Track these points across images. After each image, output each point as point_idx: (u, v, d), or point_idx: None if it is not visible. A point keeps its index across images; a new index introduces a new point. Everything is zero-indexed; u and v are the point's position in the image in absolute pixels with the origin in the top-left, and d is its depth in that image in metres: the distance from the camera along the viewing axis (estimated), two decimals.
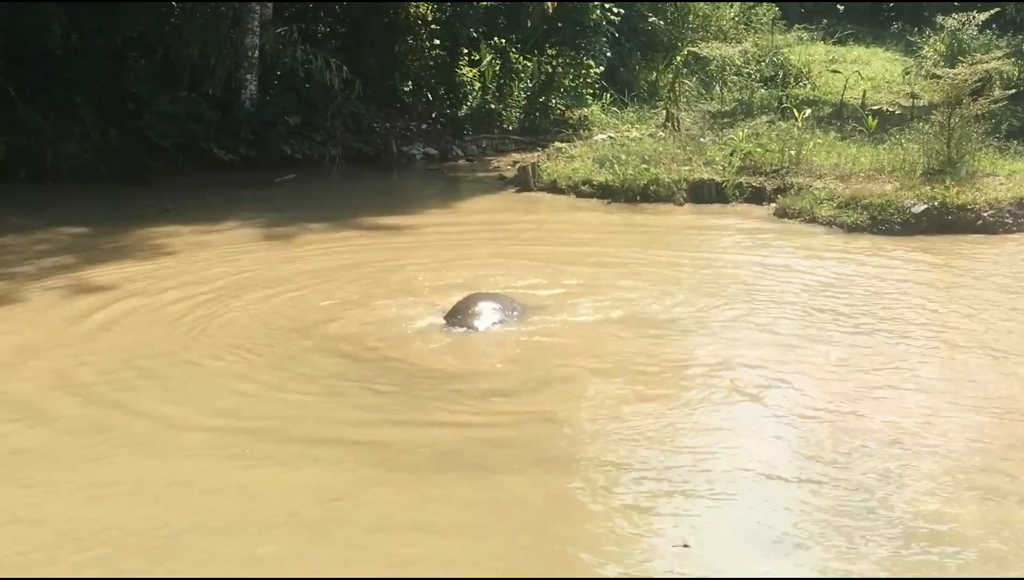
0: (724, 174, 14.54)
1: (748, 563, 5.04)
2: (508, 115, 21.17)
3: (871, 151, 14.77)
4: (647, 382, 7.43)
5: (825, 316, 8.83)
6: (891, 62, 25.40)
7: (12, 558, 5.13)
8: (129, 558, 5.15)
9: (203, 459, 6.26)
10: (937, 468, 5.94)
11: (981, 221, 11.99)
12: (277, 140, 17.18)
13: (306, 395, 7.24)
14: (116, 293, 9.70)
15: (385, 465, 6.15)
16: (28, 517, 5.60)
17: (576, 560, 5.20)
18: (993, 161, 13.75)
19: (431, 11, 21.32)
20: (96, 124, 16.01)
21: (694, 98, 20.99)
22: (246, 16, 17.40)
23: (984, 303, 9.17)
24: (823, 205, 12.76)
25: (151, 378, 7.59)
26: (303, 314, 9.04)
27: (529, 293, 9.24)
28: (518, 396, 7.34)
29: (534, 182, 15.44)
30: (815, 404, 6.91)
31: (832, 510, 5.47)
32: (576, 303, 9.24)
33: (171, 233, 12.28)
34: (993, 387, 7.18)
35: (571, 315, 8.96)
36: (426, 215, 13.79)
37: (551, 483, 5.99)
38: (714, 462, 6.11)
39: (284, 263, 10.92)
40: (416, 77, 21.39)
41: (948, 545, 5.14)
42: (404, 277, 10.18)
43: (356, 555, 5.15)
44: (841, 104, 19.53)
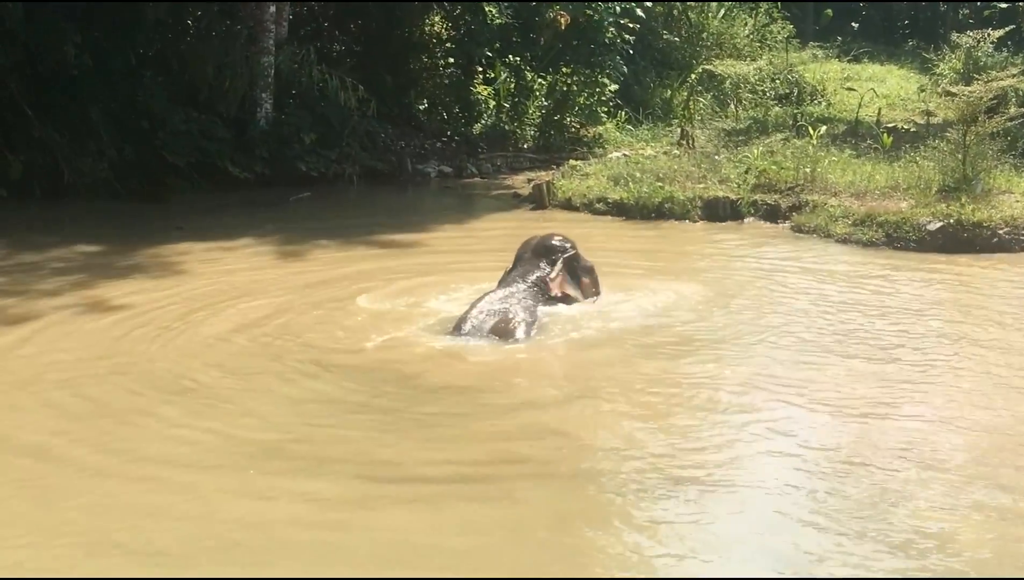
0: (739, 192, 14.54)
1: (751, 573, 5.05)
2: (523, 133, 21.21)
3: (886, 168, 14.74)
4: (659, 398, 7.40)
5: (838, 332, 8.79)
6: (906, 80, 25.46)
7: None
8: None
9: (209, 475, 6.23)
10: (941, 485, 5.91)
11: (997, 239, 11.96)
12: (292, 158, 17.25)
13: (315, 413, 7.20)
14: (129, 312, 9.68)
15: (394, 483, 6.11)
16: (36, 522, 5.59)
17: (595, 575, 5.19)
18: (1009, 178, 13.72)
19: (446, 30, 21.39)
20: (112, 142, 16.08)
21: (708, 116, 21.03)
22: (261, 35, 17.47)
23: (1000, 322, 9.13)
24: (838, 222, 12.75)
25: (163, 396, 7.56)
26: (314, 331, 9.01)
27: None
28: (529, 412, 7.31)
29: (549, 200, 15.46)
30: (824, 421, 6.89)
31: (834, 527, 5.44)
32: (590, 318, 9.21)
33: (185, 251, 12.28)
34: (1003, 406, 7.14)
35: (585, 330, 8.94)
36: (440, 232, 13.80)
37: (565, 500, 5.98)
38: (723, 479, 6.09)
39: (296, 280, 10.91)
40: (431, 95, 21.47)
41: (944, 560, 5.14)
42: (416, 294, 10.16)
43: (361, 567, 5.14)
44: (856, 122, 19.55)
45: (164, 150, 16.30)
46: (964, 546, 5.27)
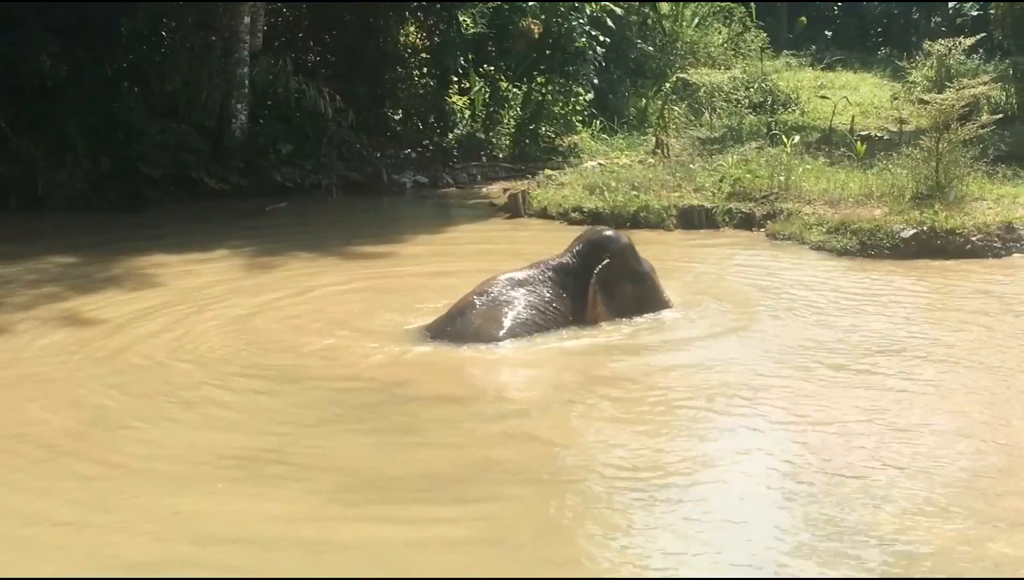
0: (714, 200, 14.58)
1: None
2: (498, 142, 21.23)
3: (860, 176, 14.81)
4: (642, 404, 7.44)
5: (816, 339, 8.82)
6: (879, 88, 25.60)
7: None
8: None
9: (188, 487, 6.22)
10: (920, 490, 5.95)
11: (970, 245, 12.02)
12: (268, 169, 17.23)
13: (291, 423, 7.18)
14: (104, 325, 9.67)
15: (373, 491, 6.12)
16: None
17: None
18: (981, 186, 13.79)
19: (420, 40, 21.41)
20: (88, 154, 16.03)
21: (683, 125, 21.11)
22: (236, 46, 17.45)
23: (975, 327, 9.18)
24: (813, 230, 12.79)
25: (138, 407, 7.55)
26: (291, 341, 9.02)
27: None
28: (509, 418, 7.36)
29: (524, 209, 15.48)
30: (802, 426, 6.91)
31: (814, 530, 5.49)
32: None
33: (161, 262, 12.26)
34: (979, 410, 7.19)
35: (571, 335, 8.93)
36: (416, 242, 13.81)
37: (547, 506, 6.00)
38: (703, 483, 6.13)
39: (272, 291, 10.91)
40: (406, 105, 21.48)
41: (918, 562, 5.18)
42: (393, 303, 10.17)
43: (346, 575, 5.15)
44: (830, 130, 19.65)
45: (140, 162, 16.26)
46: (938, 547, 5.31)
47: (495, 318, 8.79)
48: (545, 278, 9.13)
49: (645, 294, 9.40)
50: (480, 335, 8.64)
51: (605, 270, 9.11)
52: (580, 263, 9.21)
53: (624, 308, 9.24)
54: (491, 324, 8.74)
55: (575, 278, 9.15)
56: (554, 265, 9.24)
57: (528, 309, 8.90)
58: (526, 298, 8.96)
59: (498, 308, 8.86)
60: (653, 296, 9.48)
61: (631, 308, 9.27)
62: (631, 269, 9.34)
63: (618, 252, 9.28)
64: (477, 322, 8.75)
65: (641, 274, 9.41)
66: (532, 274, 9.15)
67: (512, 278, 9.11)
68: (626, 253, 9.36)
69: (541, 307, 8.95)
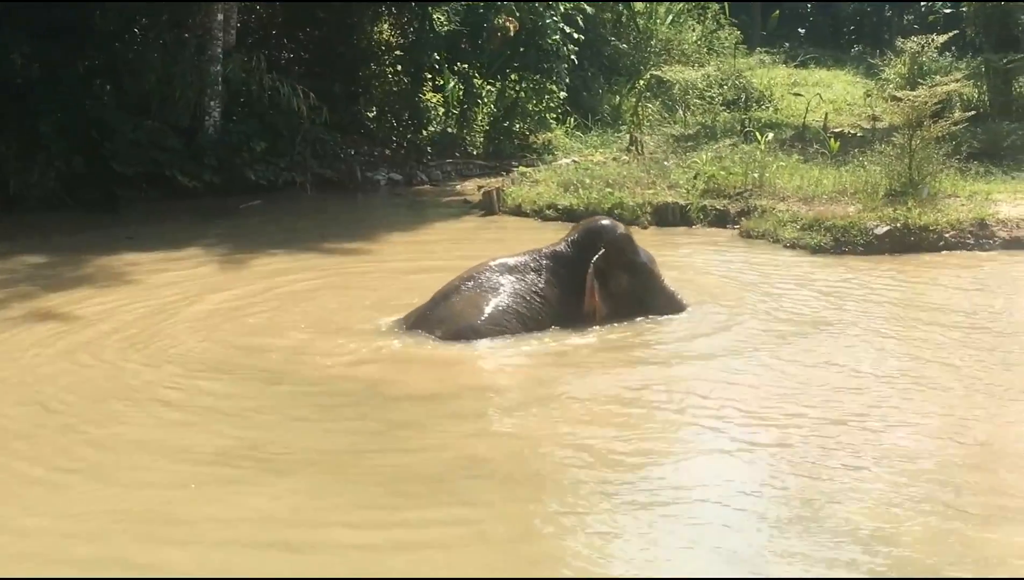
0: (688, 197, 14.60)
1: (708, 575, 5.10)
2: (472, 140, 21.20)
3: (833, 173, 14.85)
4: (621, 403, 7.44)
5: (788, 335, 8.85)
6: (852, 85, 25.65)
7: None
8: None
9: (162, 487, 6.19)
10: (894, 485, 6.00)
11: (943, 242, 12.07)
12: (241, 167, 17.15)
13: (268, 422, 7.16)
14: (76, 322, 9.63)
15: (355, 488, 6.11)
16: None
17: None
18: (954, 182, 13.84)
19: (394, 37, 21.36)
20: (61, 153, 15.92)
21: (657, 122, 21.13)
22: (209, 43, 17.37)
23: (947, 323, 9.21)
24: (787, 227, 12.81)
25: (112, 405, 7.51)
26: (263, 339, 8.99)
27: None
28: (486, 416, 7.37)
29: (499, 206, 15.47)
30: (776, 424, 6.94)
31: (785, 525, 5.53)
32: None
33: (134, 261, 12.21)
34: (955, 408, 7.22)
35: (553, 333, 8.92)
36: (391, 240, 13.79)
37: (523, 502, 6.00)
38: (683, 482, 6.14)
39: (246, 289, 10.88)
40: (380, 103, 21.41)
41: (888, 553, 5.23)
42: (367, 301, 10.16)
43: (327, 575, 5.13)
44: (803, 127, 19.69)
45: (113, 160, 16.16)
46: (909, 539, 5.34)
47: (478, 305, 8.79)
48: (538, 266, 9.12)
49: (642, 285, 9.33)
50: (461, 321, 8.65)
51: (601, 260, 9.06)
52: (575, 252, 9.19)
53: (620, 299, 9.19)
54: (473, 310, 8.74)
55: (569, 267, 9.13)
56: (548, 253, 9.23)
57: (513, 297, 8.89)
58: (513, 286, 8.94)
59: (483, 295, 8.87)
60: (651, 287, 9.39)
61: (627, 299, 9.23)
62: (628, 259, 9.28)
63: (614, 241, 9.23)
64: (459, 307, 8.77)
65: (638, 265, 9.34)
66: (524, 261, 9.15)
67: (504, 264, 9.12)
68: (623, 243, 9.31)
69: (527, 296, 8.94)
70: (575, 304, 9.03)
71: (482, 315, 8.72)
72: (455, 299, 8.85)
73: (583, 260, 9.08)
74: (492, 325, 8.70)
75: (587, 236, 9.26)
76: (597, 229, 9.37)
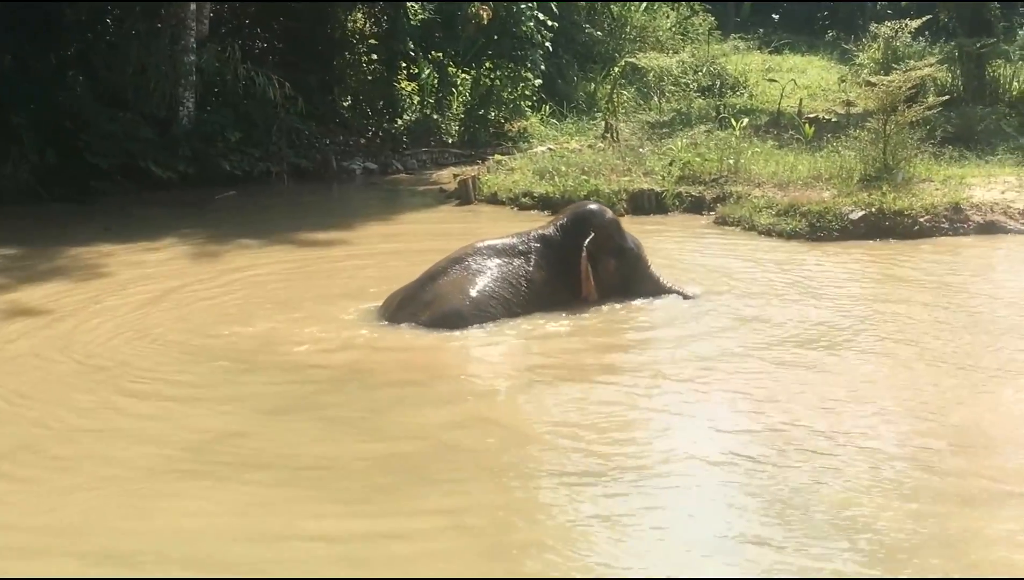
0: (664, 184, 14.59)
1: (692, 563, 5.09)
2: (448, 128, 21.18)
3: (808, 159, 14.87)
4: (603, 389, 7.46)
5: (768, 320, 8.87)
6: (826, 70, 25.68)
7: None
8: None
9: (136, 480, 6.16)
10: (871, 468, 6.04)
11: (918, 226, 12.10)
12: (216, 157, 17.08)
13: (246, 412, 7.15)
14: (49, 314, 9.59)
15: (332, 478, 6.09)
16: None
17: (539, 568, 5.21)
18: (928, 167, 13.88)
19: (368, 26, 21.31)
20: (34, 145, 15.82)
21: (632, 109, 21.13)
22: (182, 33, 17.30)
23: (923, 306, 9.25)
24: (762, 213, 12.82)
25: (87, 398, 7.48)
26: (238, 328, 8.95)
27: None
28: (466, 402, 7.36)
29: (474, 195, 15.45)
30: (756, 409, 6.95)
31: (766, 509, 5.56)
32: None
33: (108, 253, 12.17)
34: (931, 392, 7.25)
35: (535, 319, 8.92)
36: (366, 229, 13.75)
37: (505, 490, 6.01)
38: (663, 468, 6.14)
39: (222, 279, 10.85)
40: (354, 92, 21.38)
41: (868, 537, 5.25)
42: (341, 289, 10.15)
43: (307, 568, 5.11)
44: (778, 113, 19.71)
45: (87, 152, 16.08)
46: (889, 522, 5.37)
47: (464, 288, 8.81)
48: (526, 248, 9.16)
49: (629, 270, 9.40)
50: (446, 304, 8.68)
51: (591, 244, 9.11)
52: (563, 236, 9.23)
53: (607, 284, 9.25)
54: (459, 294, 8.77)
55: (556, 251, 9.17)
56: (536, 236, 9.26)
57: (499, 281, 8.92)
58: (500, 269, 8.97)
59: (470, 278, 8.89)
60: (638, 273, 9.46)
61: (615, 284, 9.30)
62: (616, 244, 9.33)
63: (602, 226, 9.29)
64: (445, 290, 8.79)
65: (626, 250, 9.40)
66: (512, 243, 9.19)
67: (492, 246, 9.16)
68: (611, 227, 9.37)
69: (514, 279, 8.97)
70: (562, 288, 9.09)
71: (468, 299, 8.74)
72: (442, 281, 8.88)
73: (571, 245, 9.13)
74: (478, 309, 8.73)
75: (576, 221, 9.31)
76: (586, 214, 9.43)
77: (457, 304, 8.69)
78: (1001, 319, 8.98)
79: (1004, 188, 13.17)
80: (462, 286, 8.82)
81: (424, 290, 8.86)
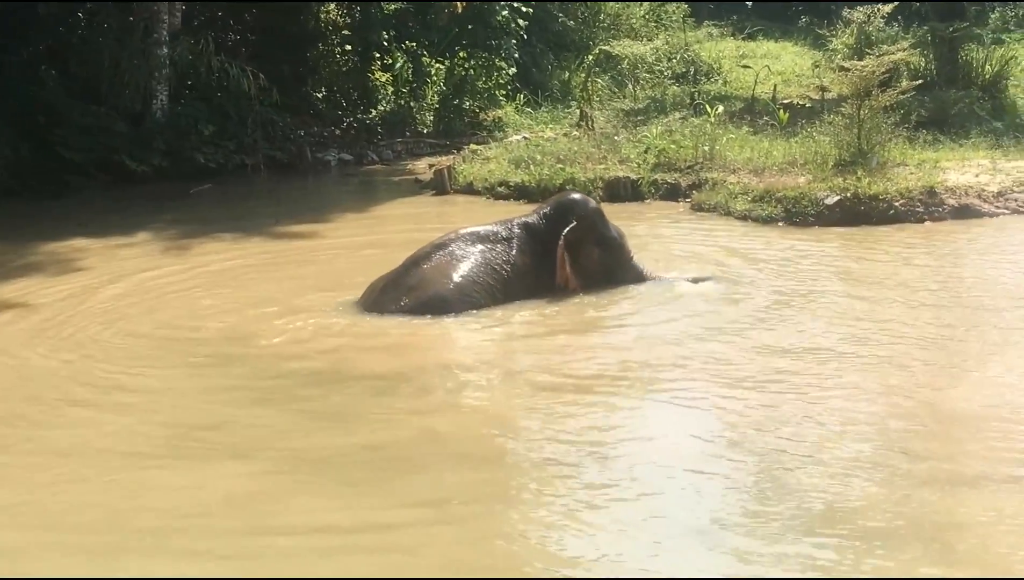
0: (639, 171, 14.59)
1: (671, 550, 5.09)
2: (422, 118, 21.18)
3: (783, 145, 14.90)
4: (583, 378, 7.46)
5: (745, 306, 8.89)
6: (800, 56, 25.73)
7: None
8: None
9: (117, 469, 6.14)
10: (847, 451, 6.07)
11: (893, 211, 12.13)
12: (190, 150, 17.06)
13: (224, 404, 7.13)
14: (23, 309, 9.57)
15: (311, 470, 6.07)
16: None
17: (522, 556, 5.21)
18: (903, 151, 13.92)
19: (342, 17, 21.27)
20: (7, 140, 15.75)
21: (607, 97, 21.10)
22: (155, 26, 17.23)
23: (899, 290, 9.27)
24: (738, 199, 12.84)
25: (63, 392, 7.45)
26: (214, 322, 8.93)
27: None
28: (447, 393, 7.36)
29: (450, 185, 15.43)
30: (731, 394, 6.96)
31: (747, 495, 5.57)
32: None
33: (83, 248, 12.14)
34: (905, 376, 7.26)
35: (518, 308, 8.92)
36: (342, 220, 13.74)
37: (486, 479, 6.01)
38: (638, 456, 6.13)
39: (197, 273, 10.83)
40: (329, 83, 21.34)
41: (846, 519, 5.27)
42: (318, 279, 10.14)
43: (289, 563, 5.09)
44: (752, 99, 19.75)
45: (61, 146, 16.01)
46: (865, 505, 5.40)
47: (447, 274, 8.84)
48: (509, 235, 9.19)
49: (612, 259, 9.44)
50: (430, 289, 8.71)
51: (572, 232, 9.14)
52: (546, 225, 9.27)
53: (590, 273, 9.28)
54: (442, 280, 8.79)
55: (540, 239, 9.21)
56: (520, 223, 9.30)
57: (482, 267, 8.94)
58: (483, 256, 9.01)
59: (453, 264, 8.92)
60: (621, 261, 9.50)
61: (598, 273, 9.32)
62: (599, 234, 9.37)
63: (585, 215, 9.32)
64: (429, 276, 8.82)
65: (608, 239, 9.43)
66: (495, 230, 9.23)
67: (475, 233, 9.19)
68: (594, 217, 9.40)
69: (497, 266, 9.00)
70: (544, 276, 9.12)
71: (451, 284, 8.78)
72: (425, 266, 8.92)
73: (555, 233, 9.16)
74: (461, 294, 8.76)
75: (559, 209, 9.35)
76: (569, 203, 9.48)
77: (440, 289, 8.73)
78: (975, 302, 9.01)
79: (978, 171, 13.22)
80: (445, 271, 8.85)
81: (408, 275, 8.89)
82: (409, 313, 8.61)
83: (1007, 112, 17.13)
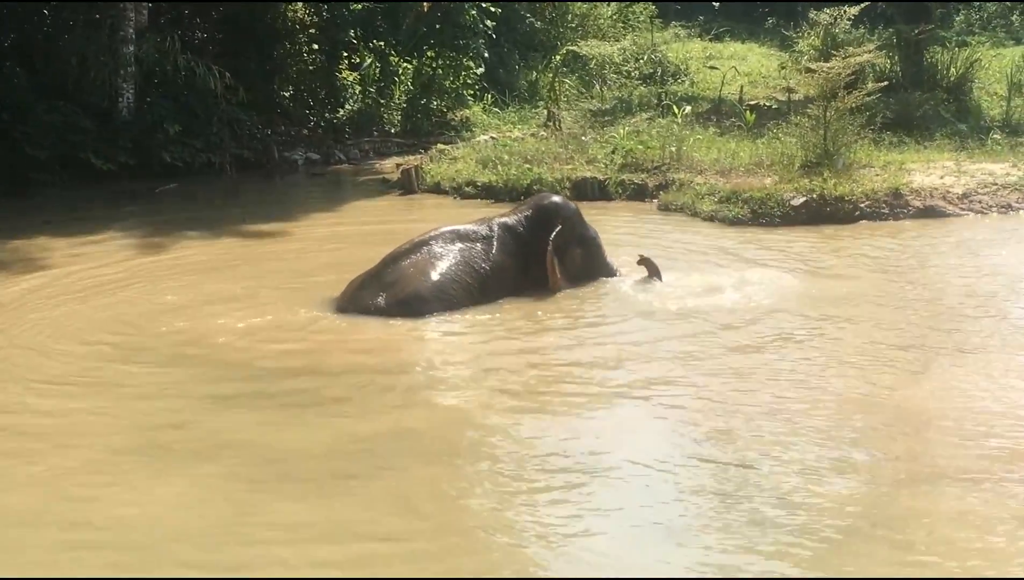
0: (606, 172, 14.63)
1: (637, 546, 5.13)
2: (390, 118, 21.15)
3: (750, 146, 14.97)
4: (555, 378, 7.54)
5: (711, 307, 8.92)
6: (767, 57, 25.78)
7: None
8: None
9: (79, 472, 6.13)
10: (812, 449, 6.13)
11: (859, 212, 12.21)
12: (156, 148, 16.94)
13: (193, 403, 7.10)
14: None
15: (285, 470, 6.06)
16: None
17: (502, 552, 5.25)
18: (868, 153, 14.00)
19: (309, 15, 21.21)
20: None
21: (574, 97, 21.12)
22: (121, 23, 17.15)
23: (862, 292, 9.33)
24: (704, 200, 12.89)
25: (27, 390, 7.42)
26: (182, 322, 8.89)
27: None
28: (419, 391, 7.39)
29: (418, 184, 15.43)
30: (700, 395, 7.01)
31: (717, 495, 5.60)
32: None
33: (47, 246, 12.08)
34: (873, 376, 7.32)
35: (492, 308, 8.96)
36: (309, 220, 13.71)
37: (453, 475, 6.04)
38: (609, 452, 6.19)
39: (163, 272, 10.80)
40: (296, 82, 21.29)
41: (813, 517, 5.33)
42: (284, 279, 10.13)
43: (266, 565, 5.09)
44: (719, 100, 19.80)
45: (26, 143, 15.90)
46: (832, 502, 5.45)
47: (425, 272, 8.88)
48: (489, 236, 9.27)
49: (591, 259, 9.63)
50: (408, 287, 8.74)
51: (559, 236, 9.27)
52: (527, 226, 9.38)
53: (573, 273, 9.44)
54: (420, 277, 8.83)
55: (520, 242, 9.32)
56: (500, 224, 9.37)
57: (461, 266, 9.00)
58: (462, 254, 9.07)
59: (432, 262, 8.95)
60: (598, 260, 9.69)
61: (580, 272, 9.50)
62: (580, 234, 9.55)
63: (569, 218, 9.50)
64: (407, 273, 8.85)
65: (588, 239, 9.63)
66: (475, 230, 9.31)
67: (455, 231, 9.27)
68: (575, 219, 9.59)
69: (476, 266, 9.07)
70: (522, 276, 9.22)
71: (429, 281, 8.82)
72: (404, 263, 8.95)
73: (536, 236, 9.28)
74: (439, 292, 8.81)
75: (542, 213, 9.47)
76: (553, 207, 9.59)
77: (419, 286, 8.77)
78: (941, 302, 9.09)
79: (943, 173, 13.32)
80: (424, 269, 8.89)
81: (386, 272, 8.93)
82: (387, 310, 8.64)
83: (971, 114, 17.22)
